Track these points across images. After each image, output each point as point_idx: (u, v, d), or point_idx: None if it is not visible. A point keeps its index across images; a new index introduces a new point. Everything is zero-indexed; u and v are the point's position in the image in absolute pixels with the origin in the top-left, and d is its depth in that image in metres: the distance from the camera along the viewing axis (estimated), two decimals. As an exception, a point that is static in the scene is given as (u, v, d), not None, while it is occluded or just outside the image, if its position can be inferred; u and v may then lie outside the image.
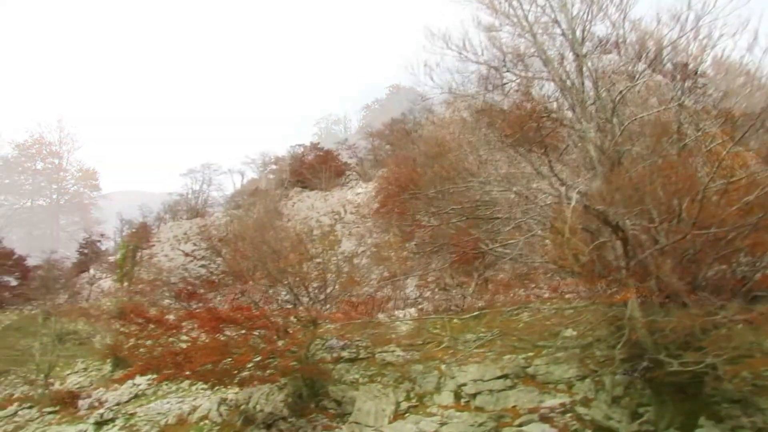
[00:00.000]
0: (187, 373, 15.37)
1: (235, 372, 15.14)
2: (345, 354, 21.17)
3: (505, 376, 15.39)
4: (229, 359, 14.79)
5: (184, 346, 16.08)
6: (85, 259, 55.77)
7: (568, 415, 12.79)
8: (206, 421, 17.59)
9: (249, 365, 15.22)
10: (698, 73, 12.19)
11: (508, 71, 13.67)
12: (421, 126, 47.31)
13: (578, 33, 13.28)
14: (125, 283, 41.52)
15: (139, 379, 25.43)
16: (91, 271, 48.71)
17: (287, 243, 18.92)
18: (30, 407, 26.01)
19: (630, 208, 10.91)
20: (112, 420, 20.62)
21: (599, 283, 11.21)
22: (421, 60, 12.76)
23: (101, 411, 21.94)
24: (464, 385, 15.82)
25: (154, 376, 16.36)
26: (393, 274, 30.85)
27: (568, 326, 13.17)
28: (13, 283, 48.55)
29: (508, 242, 13.11)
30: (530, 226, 12.59)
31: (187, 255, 17.26)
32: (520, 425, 12.95)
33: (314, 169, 61.48)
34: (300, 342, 16.47)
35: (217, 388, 16.69)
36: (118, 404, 23.36)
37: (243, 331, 15.45)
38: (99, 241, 58.56)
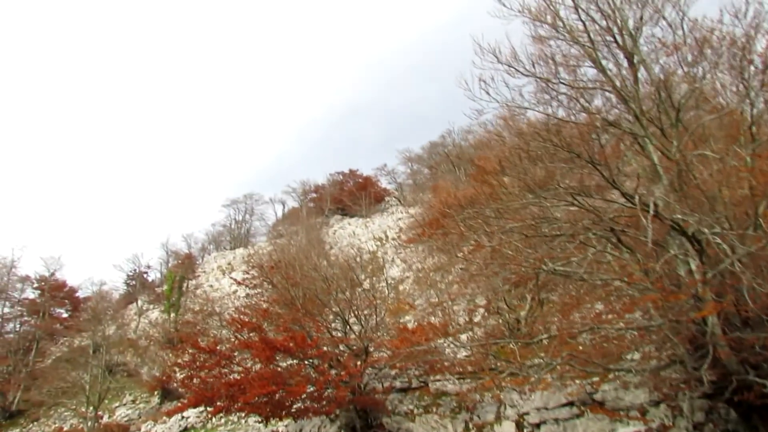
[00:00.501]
0: (241, 405, 15.04)
1: (289, 404, 14.74)
2: (397, 383, 20.57)
3: (571, 404, 14.56)
4: (283, 390, 14.40)
5: (236, 377, 15.83)
6: (132, 291, 56.81)
7: (645, 444, 11.91)
8: (259, 455, 17.26)
9: (303, 396, 14.82)
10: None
11: (560, 83, 13.18)
12: (461, 148, 46.91)
13: (629, 39, 12.77)
14: (173, 314, 42.00)
15: (188, 412, 25.32)
16: (139, 302, 49.50)
17: (337, 269, 18.60)
18: (81, 440, 26.19)
19: (702, 217, 10.17)
20: (164, 453, 20.46)
21: (673, 299, 10.41)
22: (469, 73, 12.35)
23: (152, 444, 21.83)
24: (527, 414, 15.06)
25: (206, 408, 16.06)
26: (444, 298, 30.25)
27: (641, 347, 12.31)
28: (65, 314, 49.66)
29: (569, 260, 12.44)
30: (593, 241, 11.91)
31: (239, 283, 17.11)
32: (593, 456, 12.11)
33: (354, 195, 61.73)
34: (353, 371, 16.01)
35: (270, 420, 16.33)
36: (168, 437, 23.25)
37: (296, 361, 15.10)
38: (146, 272, 59.74)
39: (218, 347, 16.41)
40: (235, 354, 16.06)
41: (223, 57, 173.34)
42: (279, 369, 15.33)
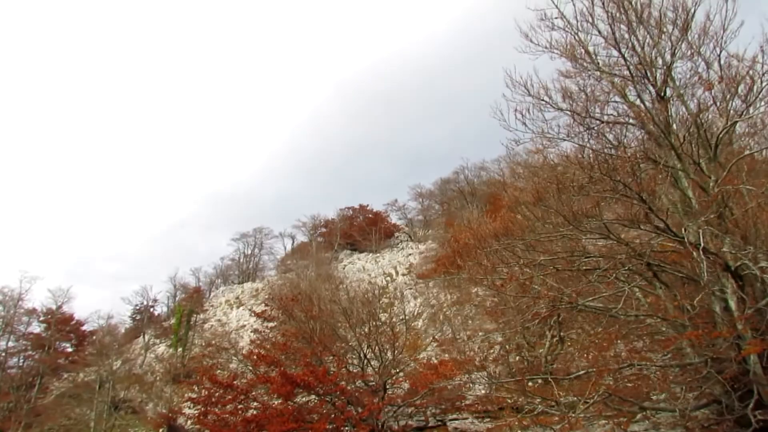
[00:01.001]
0: (259, 442, 14.55)
1: (310, 441, 14.26)
2: (413, 422, 19.97)
3: (600, 445, 13.99)
4: (304, 428, 13.93)
5: (254, 412, 15.38)
6: (139, 325, 56.19)
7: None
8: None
9: (323, 433, 14.34)
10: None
11: (591, 117, 13.14)
12: (473, 184, 46.94)
13: (659, 74, 12.73)
14: (180, 349, 41.39)
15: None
16: (146, 337, 48.87)
17: (358, 302, 18.27)
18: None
19: (747, 250, 9.90)
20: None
21: (715, 336, 10.06)
22: (498, 105, 12.29)
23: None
24: (554, 454, 14.45)
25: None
26: (461, 334, 29.67)
27: (675, 386, 11.85)
28: (69, 349, 48.86)
29: (598, 295, 12.14)
30: (625, 277, 11.63)
31: (258, 315, 16.73)
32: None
33: (364, 231, 61.54)
34: (373, 408, 15.53)
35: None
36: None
37: (314, 397, 14.66)
38: (152, 306, 59.21)
39: (235, 382, 15.99)
40: (253, 389, 15.62)
41: (240, 98, 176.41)
42: (297, 405, 14.88)
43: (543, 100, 12.69)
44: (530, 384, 23.20)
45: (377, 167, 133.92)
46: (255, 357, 15.05)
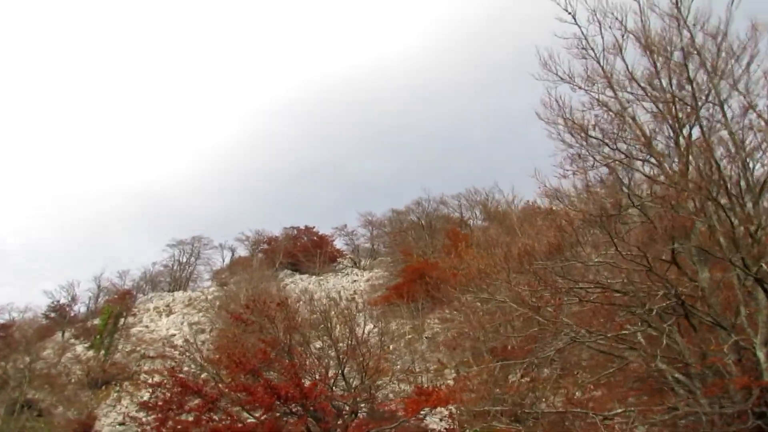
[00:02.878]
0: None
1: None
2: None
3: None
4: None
5: (219, 424, 13.78)
6: (51, 324, 51.60)
7: None
8: None
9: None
10: None
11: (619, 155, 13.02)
12: (431, 217, 46.87)
13: (687, 128, 12.80)
14: (102, 351, 38.11)
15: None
16: (65, 335, 44.75)
17: (335, 318, 17.13)
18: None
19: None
20: None
21: (757, 385, 9.77)
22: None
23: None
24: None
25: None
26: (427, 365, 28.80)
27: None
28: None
29: (622, 332, 11.72)
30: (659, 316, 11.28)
31: (236, 318, 15.18)
32: None
33: (308, 252, 59.93)
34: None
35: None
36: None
37: (298, 410, 13.32)
38: (68, 305, 54.62)
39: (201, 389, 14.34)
40: (222, 398, 14.06)
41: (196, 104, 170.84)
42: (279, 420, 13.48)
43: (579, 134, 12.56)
44: (494, 424, 22.52)
45: (326, 191, 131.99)
46: (233, 363, 13.52)
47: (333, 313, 16.97)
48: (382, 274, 48.35)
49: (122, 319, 41.07)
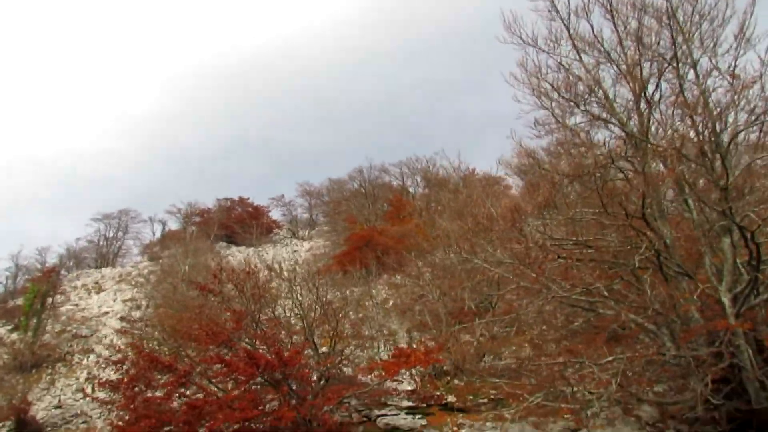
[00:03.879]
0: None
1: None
2: (337, 417, 18.81)
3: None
4: (265, 416, 12.24)
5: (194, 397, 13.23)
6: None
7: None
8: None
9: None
10: None
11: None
12: (374, 185, 46.77)
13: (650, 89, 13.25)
14: (30, 332, 35.68)
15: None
16: (-19, 315, 41.51)
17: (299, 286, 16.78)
18: None
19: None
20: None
21: (722, 327, 10.39)
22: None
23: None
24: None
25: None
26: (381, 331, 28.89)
27: (662, 380, 12.17)
28: None
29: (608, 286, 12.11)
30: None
31: (203, 288, 14.35)
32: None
33: (244, 223, 58.51)
34: (326, 401, 14.14)
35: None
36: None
37: (277, 379, 13.01)
38: (-15, 283, 50.74)
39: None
40: (193, 372, 13.50)
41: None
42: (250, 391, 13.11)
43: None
44: (456, 382, 23.04)
45: (259, 162, 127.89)
46: (205, 335, 12.94)
47: (299, 280, 16.60)
48: (323, 243, 47.94)
49: (49, 298, 38.47)
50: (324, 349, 17.00)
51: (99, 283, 49.05)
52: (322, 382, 15.85)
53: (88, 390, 22.74)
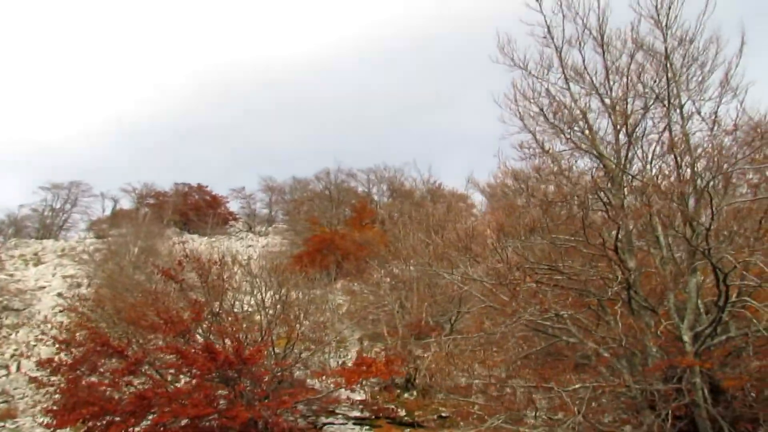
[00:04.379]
0: (148, 427, 11.91)
1: None
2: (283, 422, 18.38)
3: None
4: (219, 415, 11.76)
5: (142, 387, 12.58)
6: None
7: None
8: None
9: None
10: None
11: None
12: (339, 188, 46.34)
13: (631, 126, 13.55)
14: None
15: None
16: None
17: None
18: None
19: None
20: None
21: (684, 364, 10.62)
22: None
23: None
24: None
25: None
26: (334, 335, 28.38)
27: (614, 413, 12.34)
28: None
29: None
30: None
31: (171, 278, 13.53)
32: None
33: (201, 211, 57.03)
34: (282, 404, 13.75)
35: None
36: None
37: (234, 376, 12.54)
38: None
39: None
40: (144, 361, 12.88)
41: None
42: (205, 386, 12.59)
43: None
44: (406, 396, 22.83)
45: (220, 152, 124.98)
46: (164, 323, 12.32)
47: (264, 275, 16.14)
48: (280, 242, 47.14)
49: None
50: (278, 350, 16.60)
51: (38, 255, 46.74)
52: (274, 384, 15.43)
53: (13, 368, 21.42)
